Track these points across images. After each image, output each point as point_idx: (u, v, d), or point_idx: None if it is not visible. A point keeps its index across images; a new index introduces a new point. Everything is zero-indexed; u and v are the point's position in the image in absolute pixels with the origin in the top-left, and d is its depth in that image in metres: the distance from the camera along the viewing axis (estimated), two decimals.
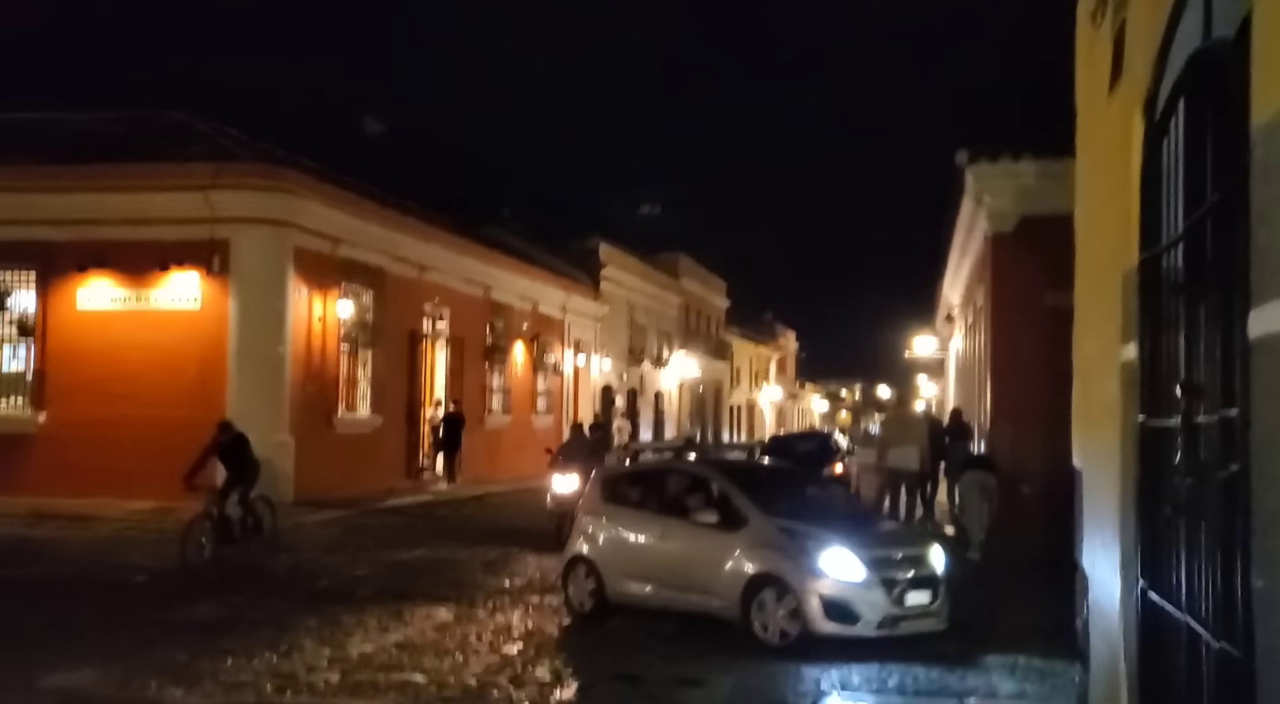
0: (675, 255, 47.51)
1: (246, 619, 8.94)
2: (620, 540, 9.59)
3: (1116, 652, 3.98)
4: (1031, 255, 13.67)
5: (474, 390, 24.37)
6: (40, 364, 17.13)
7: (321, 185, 18.40)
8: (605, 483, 10.36)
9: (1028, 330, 13.77)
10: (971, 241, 17.01)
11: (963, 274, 20.29)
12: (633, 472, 10.84)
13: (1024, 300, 13.90)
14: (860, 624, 7.97)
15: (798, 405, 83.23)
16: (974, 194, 14.40)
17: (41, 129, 19.13)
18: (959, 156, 13.94)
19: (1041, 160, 13.74)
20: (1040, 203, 13.80)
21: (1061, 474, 11.90)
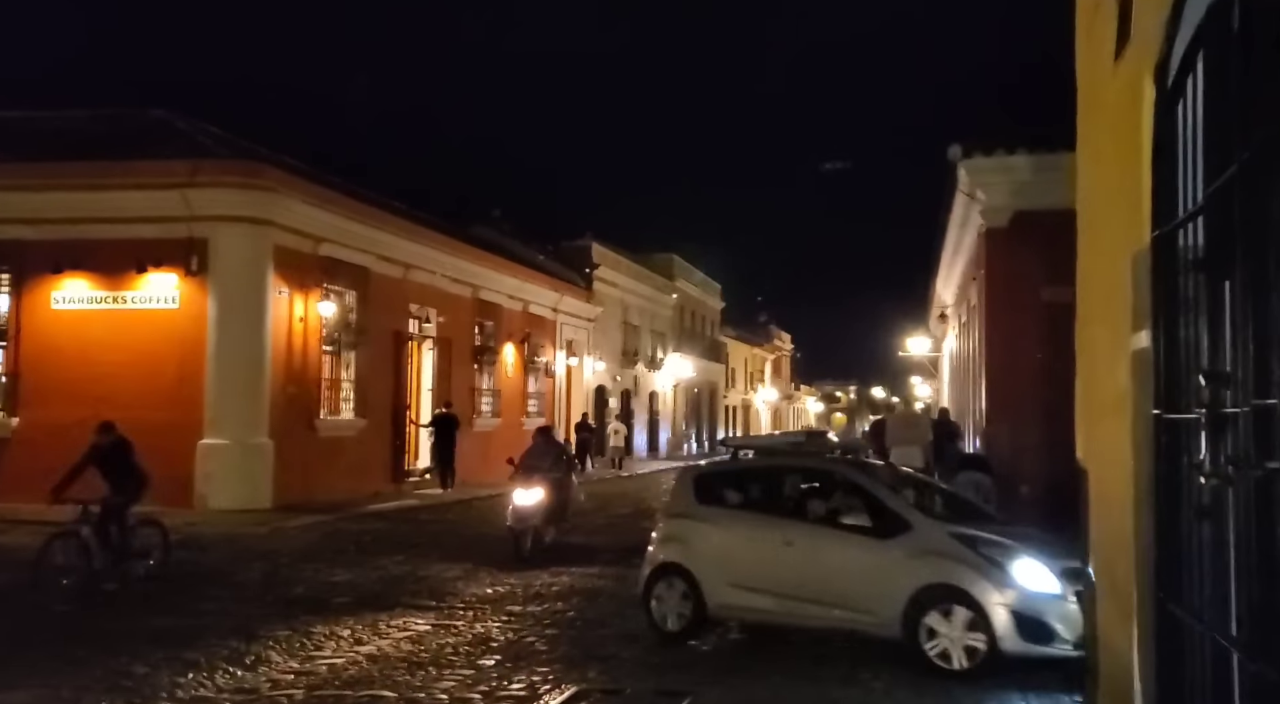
0: (669, 257, 47.21)
1: (215, 629, 8.55)
2: (725, 546, 8.51)
3: (1129, 671, 3.62)
4: (1027, 251, 13.35)
5: (462, 392, 23.98)
6: (13, 367, 16.71)
7: (301, 183, 18.03)
8: (699, 481, 9.33)
9: (1024, 327, 13.44)
10: (965, 238, 16.68)
11: (956, 272, 19.96)
12: (736, 469, 9.46)
13: (1020, 297, 13.57)
14: (1056, 642, 7.10)
15: (793, 406, 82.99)
16: (967, 189, 14.07)
17: (18, 128, 18.72)
18: (951, 151, 13.60)
19: (1036, 154, 13.41)
20: (1035, 197, 13.47)
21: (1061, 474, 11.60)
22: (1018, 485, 12.82)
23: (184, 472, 16.05)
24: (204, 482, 16.04)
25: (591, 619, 9.40)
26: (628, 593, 9.64)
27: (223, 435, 16.14)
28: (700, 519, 8.88)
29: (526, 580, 11.22)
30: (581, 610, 9.82)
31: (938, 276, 22.91)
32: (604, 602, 10.18)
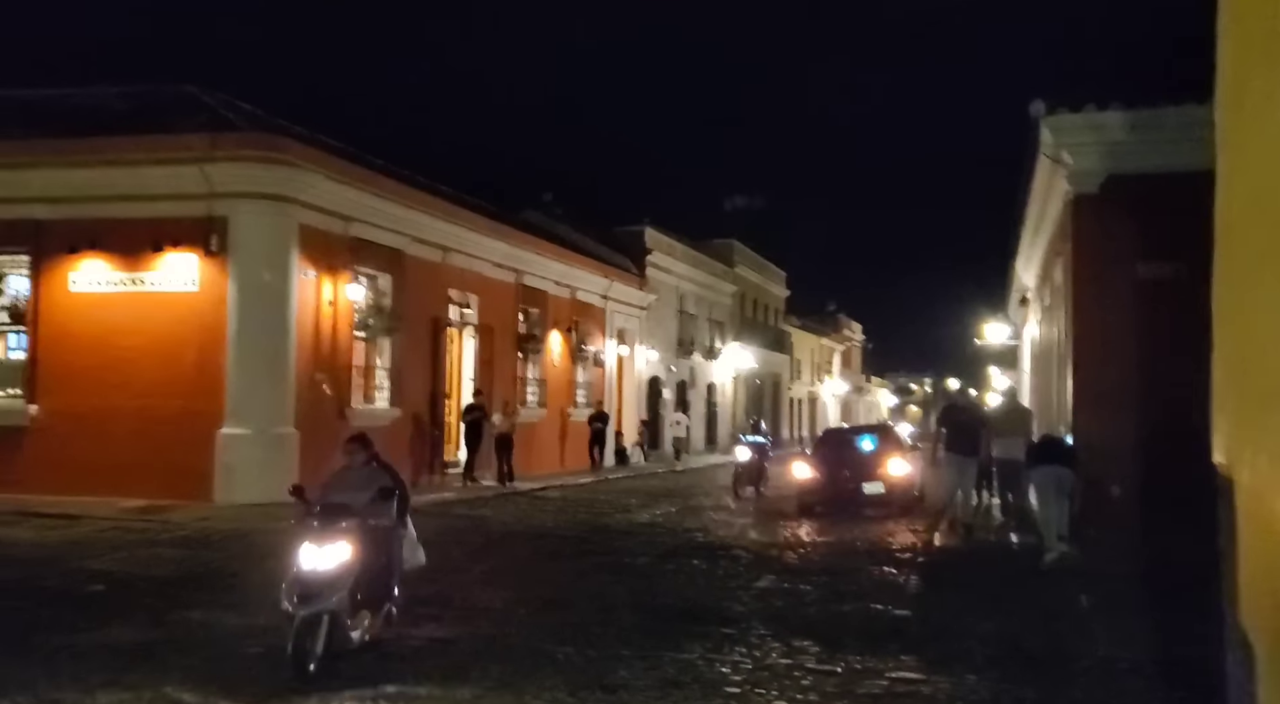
0: (729, 242, 46.05)
1: (183, 641, 7.75)
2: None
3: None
4: (1120, 221, 12.05)
5: (506, 381, 23.18)
6: (32, 352, 16.26)
7: (327, 158, 17.31)
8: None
9: (1117, 307, 12.14)
10: (1049, 210, 15.31)
11: (1038, 250, 18.54)
12: None
13: (1112, 273, 12.27)
14: None
15: (864, 399, 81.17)
16: (1052, 152, 12.74)
17: (44, 105, 18.33)
18: (1033, 107, 12.30)
19: (1133, 110, 12.07)
20: (1131, 160, 12.17)
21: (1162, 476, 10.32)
22: (1107, 486, 11.53)
23: (204, 463, 15.47)
24: (224, 474, 15.41)
25: None
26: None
27: (244, 425, 15.50)
28: None
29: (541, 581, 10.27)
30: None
31: (1017, 257, 21.45)
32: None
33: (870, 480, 17.17)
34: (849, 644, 8.22)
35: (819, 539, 14.42)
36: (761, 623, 8.84)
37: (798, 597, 10.08)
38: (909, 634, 8.62)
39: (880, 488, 17.09)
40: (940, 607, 9.64)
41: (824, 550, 13.29)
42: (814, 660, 7.64)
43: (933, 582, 11.04)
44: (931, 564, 12.11)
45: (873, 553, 12.92)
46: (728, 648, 7.99)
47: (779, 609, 9.47)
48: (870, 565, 11.86)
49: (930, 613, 9.34)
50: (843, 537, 14.58)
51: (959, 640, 8.24)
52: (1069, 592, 9.95)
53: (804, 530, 15.37)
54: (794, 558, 12.56)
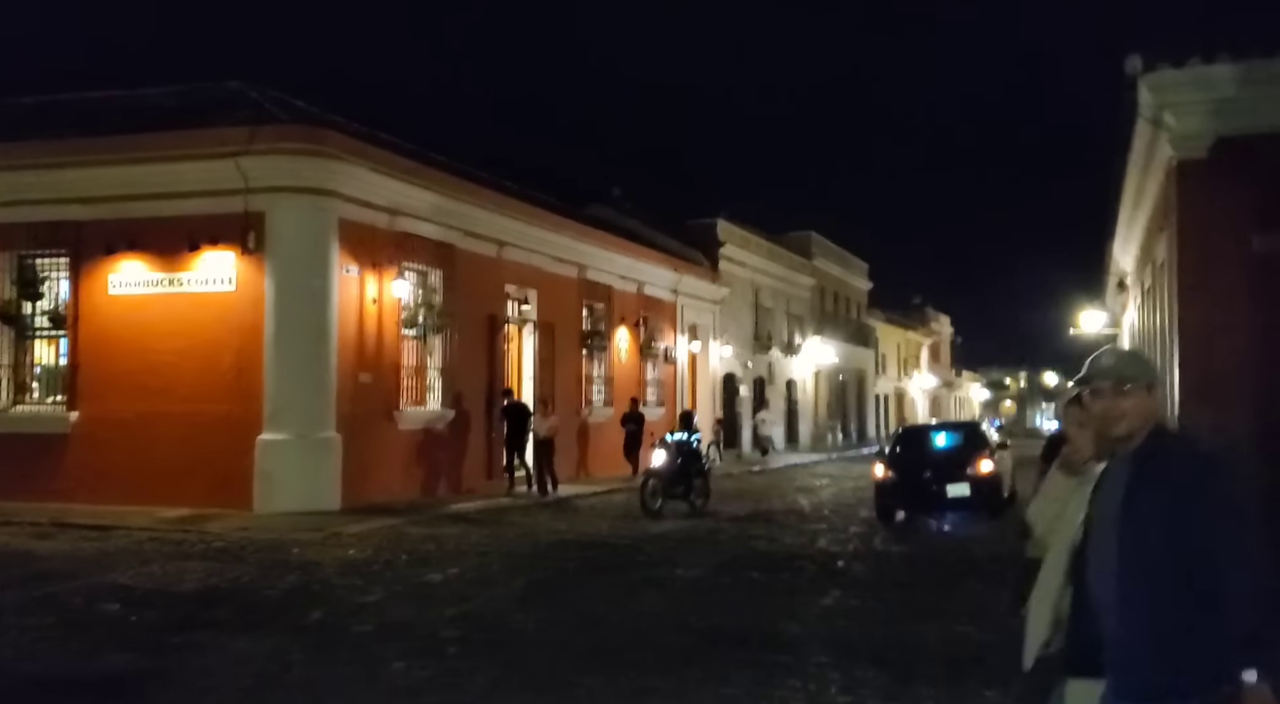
0: (807, 234, 44.86)
1: (172, 673, 7.13)
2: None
3: None
4: (1232, 188, 10.73)
5: (569, 380, 22.50)
6: (72, 357, 16.04)
7: (370, 149, 16.78)
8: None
9: (1227, 286, 10.82)
10: (1149, 181, 13.95)
11: (1138, 228, 17.10)
12: None
13: (1221, 247, 10.95)
14: None
15: (954, 394, 78.97)
16: (1151, 114, 11.42)
17: (93, 107, 18.22)
18: (1130, 63, 11.01)
19: (1244, 62, 10.73)
20: (1244, 119, 10.83)
21: None
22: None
23: (244, 470, 15.04)
24: (264, 481, 14.95)
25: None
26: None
27: (284, 430, 15.02)
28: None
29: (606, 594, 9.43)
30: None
31: (1114, 237, 19.95)
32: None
33: (954, 481, 16.00)
34: (922, 674, 7.27)
35: (894, 548, 13.35)
36: (821, 648, 7.91)
37: (866, 616, 9.11)
38: (995, 663, 7.60)
39: (965, 489, 15.91)
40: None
41: (899, 561, 12.25)
42: (879, 696, 6.72)
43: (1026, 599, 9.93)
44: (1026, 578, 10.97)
45: (955, 564, 11.83)
46: (779, 679, 7.09)
47: (843, 631, 8.52)
48: (952, 579, 10.80)
49: (1020, 636, 8.26)
50: (921, 545, 13.52)
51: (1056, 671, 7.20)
52: None
53: (878, 538, 14.31)
54: (864, 570, 11.54)
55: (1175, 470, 2.81)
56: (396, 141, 19.34)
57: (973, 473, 16.10)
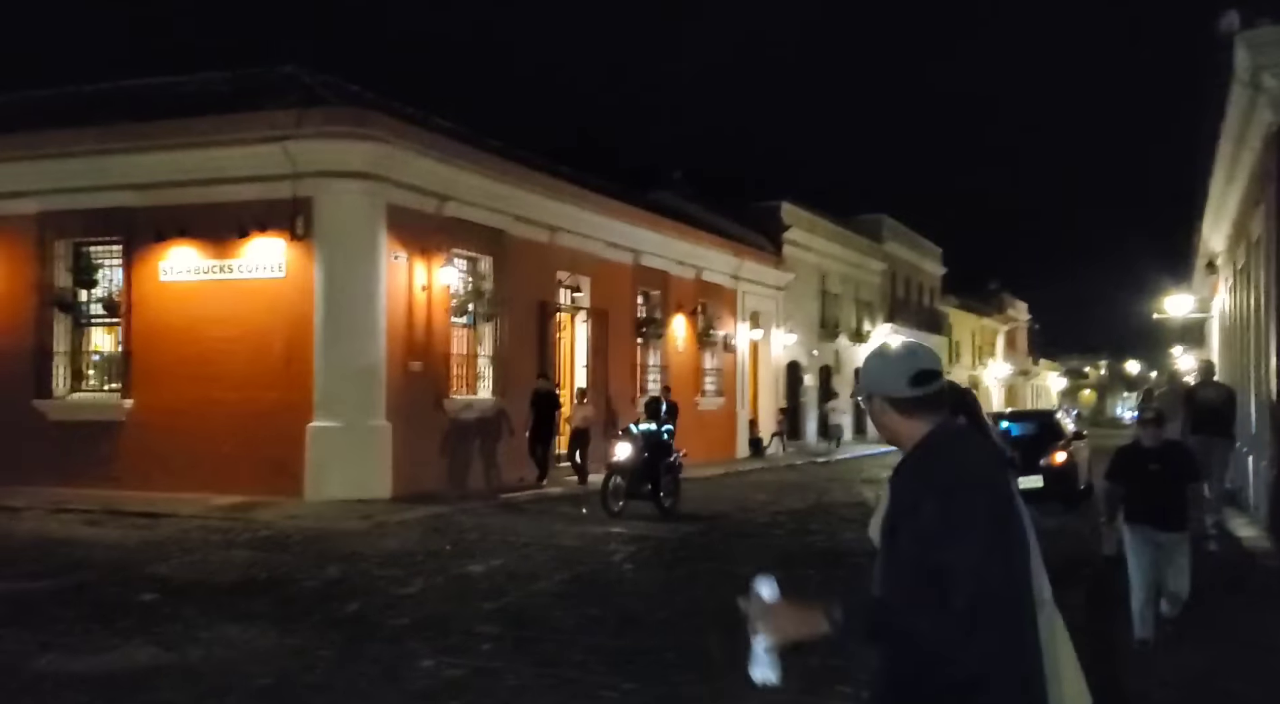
0: (878, 218, 43.95)
1: (193, 668, 6.98)
2: None
3: None
4: None
5: (623, 369, 22.20)
6: (126, 344, 16.17)
7: (419, 132, 16.63)
8: None
9: None
10: (1244, 150, 13.12)
11: (1231, 202, 16.19)
12: None
13: None
14: None
15: (1031, 383, 77.17)
16: (1248, 75, 10.68)
17: (148, 93, 18.36)
18: (1225, 20, 10.32)
19: None
20: None
21: None
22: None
23: (295, 458, 15.03)
24: (314, 469, 14.91)
25: None
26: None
27: (334, 418, 14.97)
28: None
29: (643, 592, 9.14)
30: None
31: (1204, 215, 18.99)
32: None
33: (1027, 473, 15.35)
34: None
35: None
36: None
37: None
38: None
39: (1038, 482, 15.27)
40: (1105, 633, 7.77)
41: None
42: None
43: (1100, 600, 9.38)
44: (1105, 577, 10.39)
45: None
46: (828, 685, 6.70)
47: None
48: None
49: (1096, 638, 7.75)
50: None
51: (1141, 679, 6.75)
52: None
53: None
54: None
55: (897, 490, 2.65)
56: (448, 125, 19.18)
57: (1045, 464, 15.47)
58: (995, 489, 2.55)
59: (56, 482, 15.56)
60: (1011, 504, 2.58)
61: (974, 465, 2.60)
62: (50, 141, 16.21)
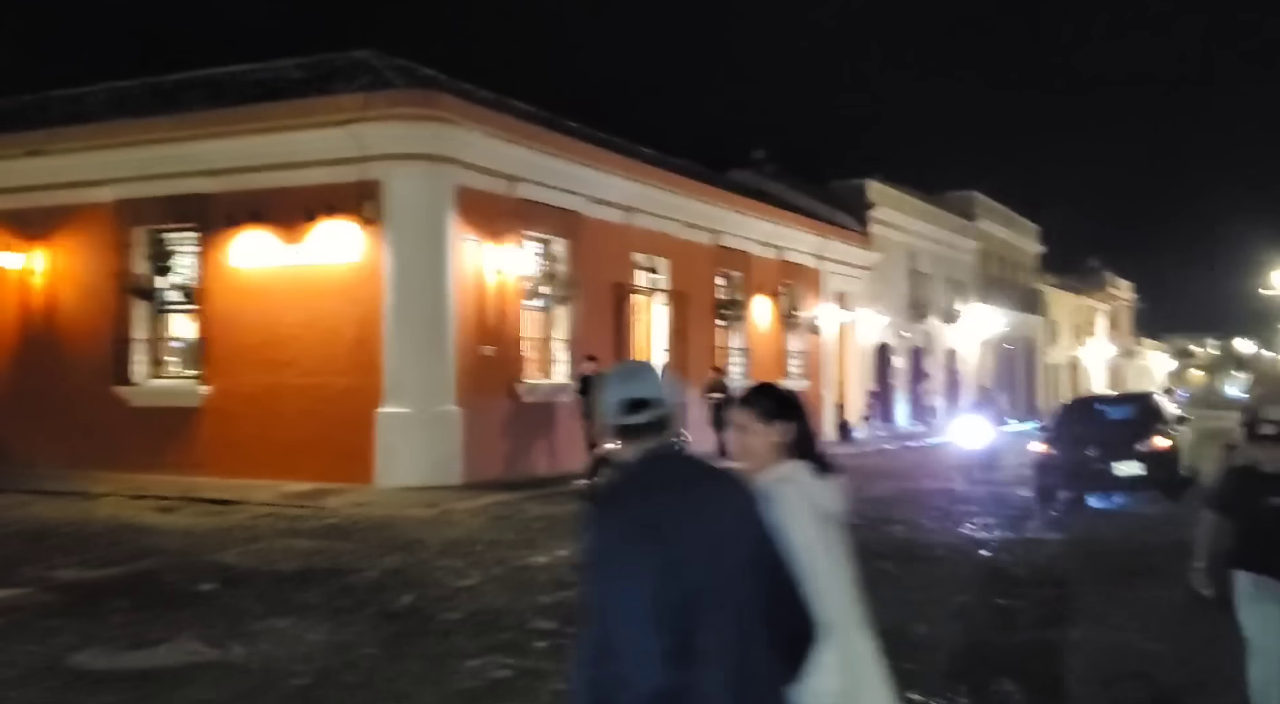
0: (969, 194, 42.58)
1: (233, 666, 6.76)
2: None
3: None
4: None
5: (703, 352, 21.70)
6: (203, 331, 16.26)
7: (488, 113, 16.32)
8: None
9: None
10: None
11: None
12: None
13: None
14: None
15: (1135, 364, 74.40)
16: None
17: (224, 80, 18.47)
18: None
19: None
20: None
21: None
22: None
23: (365, 444, 14.92)
24: (384, 455, 14.78)
25: None
26: None
27: (403, 403, 14.81)
28: None
29: None
30: None
31: None
32: None
33: (1124, 459, 14.48)
34: (1068, 691, 6.25)
35: (1049, 535, 12.09)
36: (949, 657, 6.97)
37: (1006, 618, 8.07)
38: (1159, 679, 6.51)
39: (1137, 468, 14.38)
40: (1213, 638, 6.60)
41: (1053, 551, 11.02)
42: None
43: (1203, 599, 8.63)
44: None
45: (1121, 556, 10.52)
46: (899, 691, 6.16)
47: (978, 635, 7.53)
48: (1116, 574, 9.55)
49: (1195, 648, 7.06)
50: (1083, 532, 12.17)
51: (1233, 691, 6.06)
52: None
53: (1034, 524, 13.03)
54: (1012, 561, 10.39)
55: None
56: (522, 107, 18.88)
57: (1146, 449, 14.54)
58: (643, 518, 2.53)
59: (137, 468, 15.74)
60: (679, 533, 2.52)
61: (629, 494, 2.61)
62: (126, 130, 16.37)
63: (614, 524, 2.56)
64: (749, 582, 2.60)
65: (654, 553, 2.47)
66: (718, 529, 2.59)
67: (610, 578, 2.50)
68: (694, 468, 2.74)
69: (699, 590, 2.49)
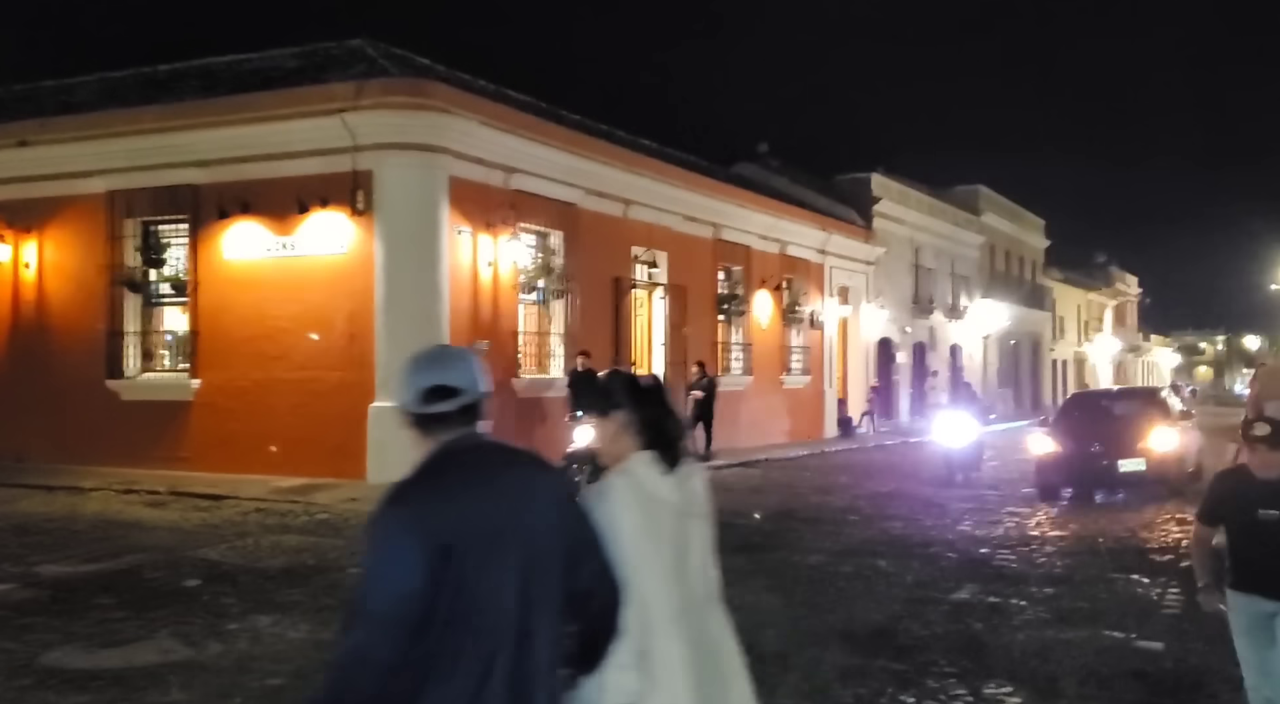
0: (974, 188, 42.41)
1: (207, 666, 6.62)
2: None
3: None
4: None
5: (703, 347, 21.53)
6: (193, 324, 16.11)
7: (482, 102, 16.16)
8: None
9: None
10: None
11: None
12: None
13: None
14: None
15: (1142, 360, 74.15)
16: None
17: (218, 70, 18.37)
18: None
19: None
20: None
21: None
22: None
23: (358, 439, 14.76)
24: (376, 451, 14.62)
25: None
26: None
27: (396, 398, 14.58)
28: None
29: None
30: None
31: None
32: None
33: (1127, 455, 14.30)
34: (1067, 691, 6.09)
35: (1050, 533, 11.91)
36: (947, 655, 6.80)
37: (1005, 616, 7.90)
38: (1159, 679, 6.35)
39: (1140, 465, 14.20)
40: (1213, 638, 6.43)
41: (1054, 548, 10.84)
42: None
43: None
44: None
45: (1120, 553, 10.35)
46: (891, 694, 6.04)
47: (976, 635, 7.36)
48: (1114, 572, 9.39)
49: (1193, 646, 6.89)
50: (1084, 529, 12.00)
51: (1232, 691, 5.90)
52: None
53: (1034, 520, 12.85)
54: (1011, 559, 10.22)
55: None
56: (517, 97, 18.71)
57: (1149, 445, 14.35)
58: (422, 519, 2.43)
59: (128, 462, 15.60)
60: (468, 522, 2.44)
61: (413, 493, 2.50)
62: (117, 120, 16.23)
63: (389, 525, 2.45)
64: (550, 578, 2.49)
65: (424, 557, 2.37)
66: (517, 524, 2.46)
67: (371, 579, 2.41)
68: (497, 459, 2.58)
69: (482, 591, 2.39)
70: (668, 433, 2.99)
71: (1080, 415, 16.11)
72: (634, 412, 2.96)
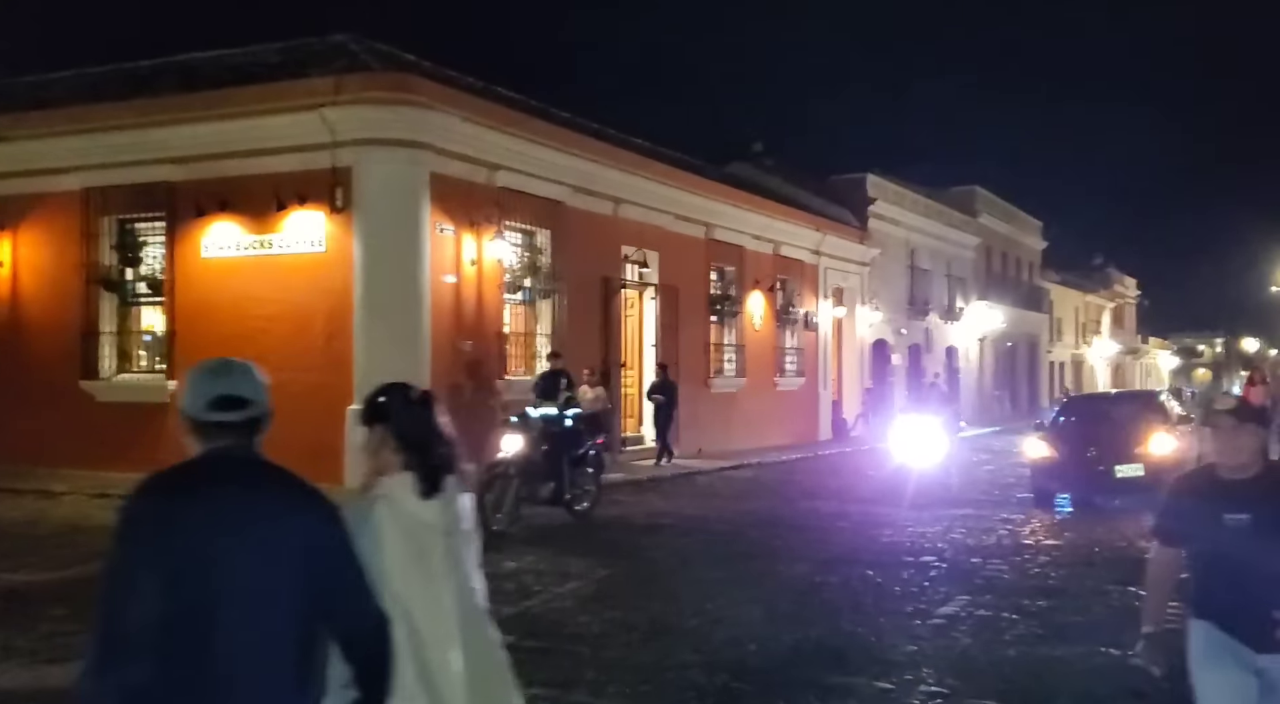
0: (970, 189, 42.09)
1: None
2: None
3: None
4: None
5: (695, 348, 21.21)
6: (170, 324, 15.77)
7: (465, 97, 15.82)
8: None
9: None
10: None
11: None
12: None
13: None
14: None
15: (1140, 362, 73.84)
16: None
17: (199, 65, 17.99)
18: None
19: None
20: None
21: None
22: None
23: (336, 442, 14.39)
24: (356, 454, 14.23)
25: None
26: None
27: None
28: None
29: None
30: None
31: None
32: None
33: (1125, 460, 13.95)
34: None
35: (1044, 541, 11.58)
36: (934, 672, 6.49)
37: (995, 631, 7.56)
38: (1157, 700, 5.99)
39: (1139, 470, 13.83)
40: None
41: (1048, 558, 10.50)
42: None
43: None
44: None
45: (1116, 564, 9.99)
46: None
47: (964, 650, 7.03)
48: (1110, 584, 9.03)
49: None
50: (1079, 538, 11.66)
51: None
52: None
53: (1028, 528, 12.51)
54: (1003, 569, 9.88)
55: None
56: (503, 93, 18.37)
57: (1148, 450, 14.00)
58: (148, 523, 2.48)
59: (103, 465, 15.17)
60: (176, 531, 2.45)
61: (150, 495, 2.56)
62: (92, 116, 15.88)
63: (123, 524, 2.50)
64: (280, 602, 2.43)
65: (142, 562, 2.40)
66: (250, 544, 2.41)
67: (101, 580, 2.43)
68: (252, 476, 2.54)
69: (199, 605, 2.38)
70: (430, 453, 2.91)
71: (1078, 419, 15.77)
72: (396, 426, 2.89)
